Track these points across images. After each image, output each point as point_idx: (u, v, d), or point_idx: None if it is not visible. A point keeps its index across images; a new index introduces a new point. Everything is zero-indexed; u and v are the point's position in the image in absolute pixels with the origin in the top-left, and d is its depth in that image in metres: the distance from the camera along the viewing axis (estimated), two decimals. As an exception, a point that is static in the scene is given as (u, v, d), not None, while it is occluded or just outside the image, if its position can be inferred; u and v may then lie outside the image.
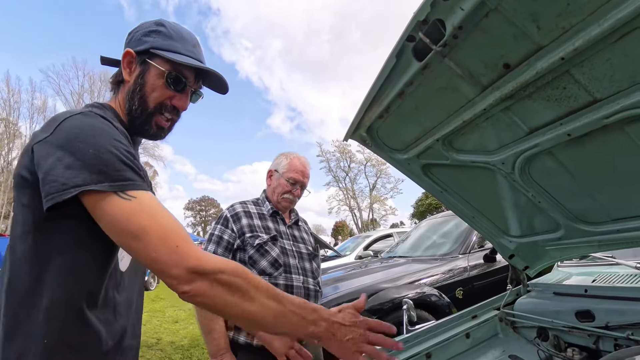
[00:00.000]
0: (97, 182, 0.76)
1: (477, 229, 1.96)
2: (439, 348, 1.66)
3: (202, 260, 0.77)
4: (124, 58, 1.01)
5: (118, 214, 0.77)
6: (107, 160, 0.79)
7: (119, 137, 0.86)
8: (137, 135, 1.06)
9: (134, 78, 1.01)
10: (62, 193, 0.75)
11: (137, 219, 0.77)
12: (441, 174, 1.71)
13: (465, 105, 1.25)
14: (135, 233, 0.76)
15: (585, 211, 1.52)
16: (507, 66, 1.05)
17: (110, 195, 0.77)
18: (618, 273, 1.76)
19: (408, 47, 1.09)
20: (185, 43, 1.03)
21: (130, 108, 1.01)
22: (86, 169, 0.77)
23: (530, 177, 1.45)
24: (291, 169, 1.89)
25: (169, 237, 0.77)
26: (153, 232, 0.76)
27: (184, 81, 1.02)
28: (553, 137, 1.20)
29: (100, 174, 0.77)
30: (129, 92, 1.01)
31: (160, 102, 1.01)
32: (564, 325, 1.59)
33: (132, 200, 0.78)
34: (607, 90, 0.99)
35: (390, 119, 1.44)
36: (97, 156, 0.78)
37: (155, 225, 0.77)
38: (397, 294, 3.30)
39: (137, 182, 0.81)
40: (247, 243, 1.70)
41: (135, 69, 1.01)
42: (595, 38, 0.85)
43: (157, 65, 0.99)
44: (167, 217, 0.81)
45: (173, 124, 1.08)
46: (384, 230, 11.03)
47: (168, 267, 0.75)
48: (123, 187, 0.78)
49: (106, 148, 0.80)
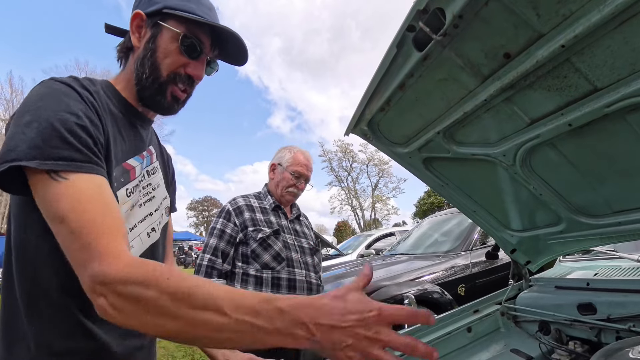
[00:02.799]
0: (30, 158, 0.67)
1: (478, 223, 1.96)
2: (440, 342, 1.66)
3: (108, 267, 0.62)
4: (132, 21, 0.90)
5: (46, 195, 0.68)
6: (45, 135, 0.69)
7: (72, 107, 0.74)
8: (149, 108, 0.95)
9: (144, 43, 0.90)
10: None
11: (60, 203, 0.67)
12: (442, 168, 1.71)
13: (466, 96, 1.25)
14: (57, 218, 0.67)
15: (586, 204, 1.52)
16: (507, 55, 1.05)
17: (43, 175, 0.68)
18: (620, 266, 1.76)
19: (408, 37, 1.09)
20: (201, 4, 0.92)
21: (140, 77, 0.90)
22: (24, 143, 0.68)
23: (531, 169, 1.45)
24: (295, 163, 1.89)
25: (85, 230, 0.65)
26: (70, 221, 0.66)
27: (200, 46, 0.91)
28: (554, 128, 1.19)
29: (36, 149, 0.68)
30: (138, 59, 0.90)
31: (173, 70, 0.90)
32: (565, 318, 1.58)
33: (61, 181, 0.68)
34: (608, 79, 0.99)
35: (392, 112, 1.44)
36: (38, 129, 0.69)
37: (74, 213, 0.66)
38: (399, 291, 3.30)
39: (74, 163, 0.70)
40: (250, 237, 1.70)
41: (145, 33, 0.90)
42: (595, 24, 0.85)
43: (171, 27, 0.88)
44: (95, 207, 0.68)
45: (188, 96, 0.97)
46: (386, 229, 11.01)
47: (77, 267, 0.66)
48: (57, 166, 0.68)
49: (48, 121, 0.70)
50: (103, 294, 0.62)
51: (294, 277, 1.68)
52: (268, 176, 1.99)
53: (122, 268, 0.63)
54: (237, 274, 1.68)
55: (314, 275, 1.79)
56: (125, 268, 0.63)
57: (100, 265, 0.62)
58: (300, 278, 1.70)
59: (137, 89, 0.91)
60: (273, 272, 1.65)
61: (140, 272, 0.63)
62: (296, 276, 1.69)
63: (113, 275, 0.62)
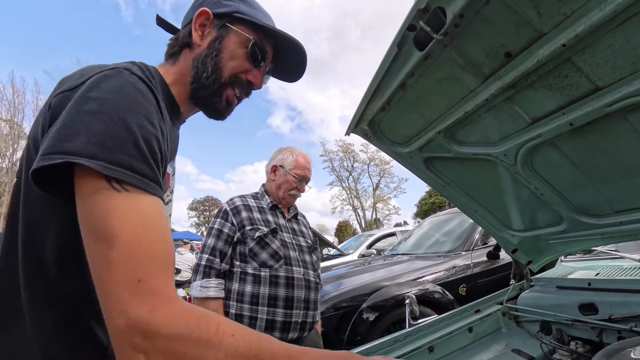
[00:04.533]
0: (90, 156, 0.55)
1: (479, 223, 1.96)
2: (441, 342, 1.66)
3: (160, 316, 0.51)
4: (197, 18, 0.87)
5: (96, 205, 0.55)
6: (118, 135, 0.58)
7: (150, 113, 0.65)
8: (200, 107, 0.93)
9: (209, 42, 0.87)
10: (47, 157, 0.55)
11: (114, 220, 0.54)
12: (443, 167, 1.71)
13: (467, 95, 1.25)
14: (100, 235, 0.54)
15: (588, 203, 1.51)
16: (508, 55, 1.05)
17: (100, 180, 0.56)
18: (622, 266, 1.75)
19: (409, 37, 1.08)
20: (267, 16, 0.93)
21: (199, 75, 0.87)
22: (85, 136, 0.56)
23: (532, 168, 1.44)
24: (298, 166, 1.91)
25: (136, 263, 0.53)
26: (121, 246, 0.53)
27: (265, 56, 0.91)
28: (555, 127, 1.19)
29: (101, 147, 0.56)
30: (199, 57, 0.87)
31: (235, 73, 0.89)
32: (567, 318, 1.58)
33: (123, 193, 0.56)
34: (609, 78, 0.98)
35: (392, 112, 1.44)
36: (107, 125, 0.58)
37: (130, 237, 0.54)
38: (400, 291, 3.29)
39: (143, 180, 0.59)
40: (248, 236, 1.71)
41: (209, 32, 0.88)
42: (596, 23, 0.85)
43: (242, 31, 0.87)
44: (155, 236, 0.57)
45: (239, 103, 0.95)
46: (387, 229, 11.00)
47: (111, 306, 0.51)
48: (122, 175, 0.57)
49: (124, 120, 0.60)
50: (144, 349, 0.50)
51: (292, 275, 1.69)
52: (267, 177, 1.99)
53: (177, 319, 0.52)
54: (236, 272, 1.68)
55: (312, 274, 1.80)
56: (182, 319, 0.52)
57: (149, 313, 0.51)
58: (299, 276, 1.71)
59: (193, 87, 0.88)
60: (271, 271, 1.66)
61: (200, 326, 0.53)
62: (294, 274, 1.70)
63: (165, 329, 0.50)
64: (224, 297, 1.66)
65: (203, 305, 1.62)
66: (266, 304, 1.61)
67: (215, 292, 1.63)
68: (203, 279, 1.66)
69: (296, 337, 1.68)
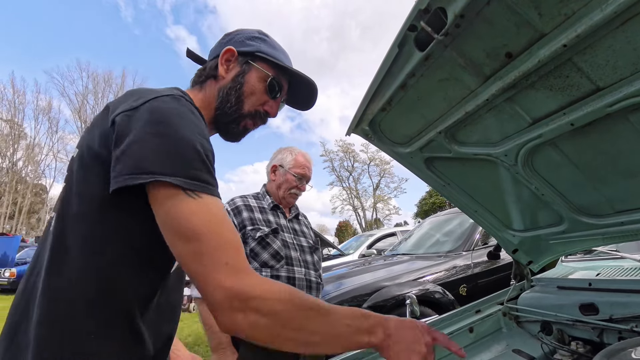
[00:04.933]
0: (171, 175, 0.69)
1: (480, 223, 1.96)
2: (442, 342, 1.66)
3: (248, 284, 0.68)
4: (224, 54, 1.01)
5: (179, 212, 0.69)
6: (188, 155, 0.73)
7: (205, 133, 0.80)
8: (218, 132, 1.05)
9: (232, 76, 1.01)
10: (133, 177, 0.69)
11: (196, 221, 0.69)
12: (444, 168, 1.70)
13: (467, 96, 1.25)
14: (188, 235, 0.69)
15: (588, 203, 1.51)
16: (509, 55, 1.05)
17: (178, 191, 0.70)
18: (622, 266, 1.75)
19: (410, 37, 1.08)
20: (286, 58, 1.07)
21: (223, 105, 1.00)
22: (166, 157, 0.71)
23: (533, 169, 1.44)
24: (298, 165, 1.92)
25: (221, 251, 0.69)
26: (207, 240, 0.68)
27: (281, 89, 1.05)
28: (556, 127, 1.19)
29: (178, 166, 0.71)
30: (223, 89, 1.00)
31: (256, 107, 1.02)
32: (567, 318, 1.58)
33: (197, 199, 0.71)
34: (610, 78, 0.98)
35: (393, 112, 1.44)
36: (180, 147, 0.72)
37: (212, 232, 0.69)
38: (400, 291, 3.29)
39: (209, 187, 0.74)
40: (249, 236, 1.70)
41: (233, 67, 1.01)
42: (597, 24, 0.84)
43: (262, 68, 1.01)
44: (228, 228, 0.73)
45: (256, 128, 1.08)
46: (387, 229, 11.00)
47: (209, 286, 0.67)
48: (196, 186, 0.71)
49: (191, 142, 0.74)
50: (242, 309, 0.67)
51: (293, 275, 1.69)
52: (268, 177, 1.99)
53: (259, 285, 0.69)
54: None
55: (314, 274, 1.79)
56: (263, 285, 0.70)
57: (240, 283, 0.67)
58: (300, 276, 1.71)
59: (216, 113, 1.00)
60: (272, 271, 1.65)
61: (274, 289, 0.70)
62: (295, 274, 1.70)
63: (253, 292, 0.68)
64: None
65: (204, 306, 1.62)
66: None
67: None
68: None
69: None
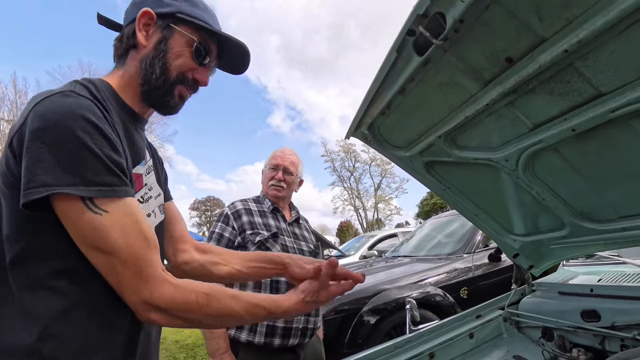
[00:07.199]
0: (70, 184, 0.66)
1: (480, 228, 1.94)
2: (442, 348, 1.64)
3: (156, 294, 0.72)
4: (140, 19, 0.88)
5: (87, 228, 0.68)
6: (85, 159, 0.68)
7: (104, 128, 0.72)
8: (154, 107, 0.96)
9: (154, 43, 0.89)
10: (31, 191, 0.65)
11: (108, 236, 0.69)
12: (444, 172, 1.69)
13: (467, 100, 1.23)
14: (98, 248, 0.69)
15: (590, 209, 1.49)
16: (509, 60, 1.03)
17: (80, 205, 0.67)
18: (624, 272, 1.73)
19: (409, 42, 1.07)
20: (209, 13, 0.95)
21: (148, 77, 0.89)
22: (60, 167, 0.66)
23: (534, 174, 1.43)
24: (271, 158, 1.97)
25: (135, 261, 0.71)
26: (120, 254, 0.70)
27: (209, 54, 0.94)
28: (557, 133, 1.17)
29: (76, 174, 0.67)
30: (146, 59, 0.89)
31: (182, 72, 0.91)
32: (569, 325, 1.56)
33: (103, 215, 0.69)
34: (612, 84, 0.97)
35: (392, 116, 1.43)
36: (75, 153, 0.67)
37: (124, 246, 0.70)
38: (401, 294, 3.27)
39: (115, 188, 0.71)
40: (248, 240, 1.69)
41: (153, 32, 0.89)
42: (599, 29, 0.83)
43: (186, 32, 0.90)
44: (138, 235, 0.73)
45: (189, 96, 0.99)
46: (388, 230, 10.99)
47: (127, 293, 0.72)
48: (100, 192, 0.69)
49: (86, 143, 0.68)
50: (155, 313, 0.73)
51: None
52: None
53: (170, 295, 0.74)
54: None
55: (314, 280, 1.77)
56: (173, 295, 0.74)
57: (152, 293, 0.72)
58: None
59: (143, 89, 0.90)
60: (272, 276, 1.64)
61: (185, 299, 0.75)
62: None
63: (163, 303, 0.73)
64: None
65: None
66: None
67: None
68: None
69: (297, 344, 1.66)
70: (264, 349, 1.60)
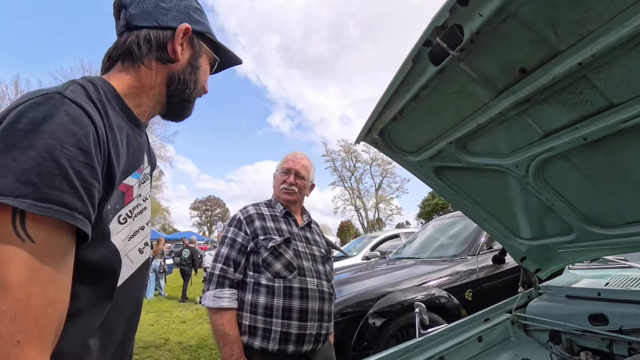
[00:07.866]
0: (19, 195, 0.55)
1: (488, 231, 1.97)
2: (452, 352, 1.67)
3: None
4: (181, 34, 0.88)
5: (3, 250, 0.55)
6: (46, 170, 0.57)
7: (85, 143, 0.63)
8: (167, 117, 0.99)
9: (187, 59, 0.91)
10: None
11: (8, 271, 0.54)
12: (454, 177, 1.71)
13: (480, 109, 1.26)
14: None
15: (598, 214, 1.52)
16: (523, 71, 1.06)
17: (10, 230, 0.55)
18: (631, 276, 1.75)
19: (425, 52, 1.09)
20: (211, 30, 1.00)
21: (181, 91, 0.91)
22: (12, 173, 0.56)
23: (544, 180, 1.45)
24: (283, 162, 1.97)
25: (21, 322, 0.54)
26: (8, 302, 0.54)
27: None
28: (568, 141, 1.20)
29: (29, 185, 0.56)
30: (179, 74, 0.90)
31: (202, 85, 0.99)
32: (577, 328, 1.58)
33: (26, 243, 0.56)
34: (624, 96, 0.99)
35: (404, 122, 1.45)
36: (36, 160, 0.57)
37: (19, 294, 0.55)
38: (406, 297, 3.29)
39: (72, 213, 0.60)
40: (261, 246, 1.70)
41: (185, 48, 0.90)
42: (613, 44, 0.85)
43: (210, 51, 0.97)
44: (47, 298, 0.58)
45: None
46: (390, 231, 10.98)
47: None
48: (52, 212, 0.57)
49: (52, 153, 0.58)
50: None
51: (305, 286, 1.68)
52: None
53: None
54: (249, 283, 1.68)
55: (326, 284, 1.79)
56: None
57: None
58: (312, 287, 1.70)
59: (171, 101, 0.93)
60: (285, 282, 1.65)
61: None
62: (308, 285, 1.69)
63: None
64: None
65: (216, 316, 1.62)
66: (280, 316, 1.61)
67: (228, 303, 1.63)
68: (216, 288, 1.65)
69: (310, 349, 1.67)
70: (278, 355, 1.60)
